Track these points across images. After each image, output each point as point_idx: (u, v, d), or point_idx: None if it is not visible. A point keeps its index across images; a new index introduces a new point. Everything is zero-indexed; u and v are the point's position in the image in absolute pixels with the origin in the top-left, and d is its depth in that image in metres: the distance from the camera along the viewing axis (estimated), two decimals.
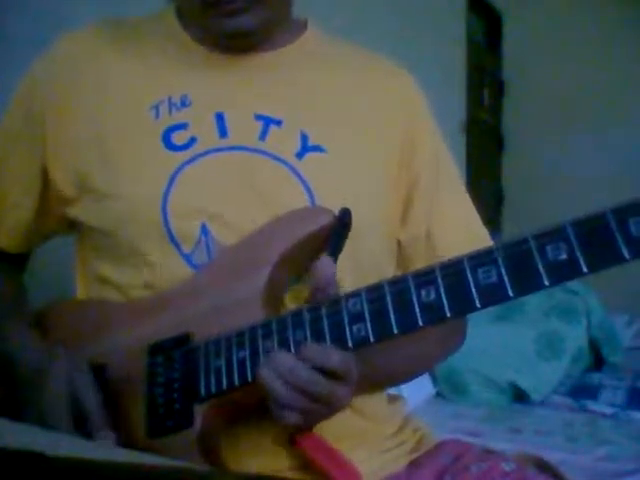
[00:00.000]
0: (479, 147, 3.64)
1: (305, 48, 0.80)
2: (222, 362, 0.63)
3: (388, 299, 0.58)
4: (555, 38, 3.73)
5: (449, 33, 3.18)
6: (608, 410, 2.13)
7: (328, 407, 0.60)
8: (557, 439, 1.88)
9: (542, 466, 0.77)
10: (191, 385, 0.64)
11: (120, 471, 0.41)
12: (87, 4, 1.26)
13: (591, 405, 2.19)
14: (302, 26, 0.82)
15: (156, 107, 0.73)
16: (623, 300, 2.80)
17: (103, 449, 0.56)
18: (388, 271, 0.79)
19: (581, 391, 2.29)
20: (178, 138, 0.72)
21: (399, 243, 0.81)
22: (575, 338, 2.38)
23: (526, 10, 3.79)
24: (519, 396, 2.23)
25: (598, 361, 2.53)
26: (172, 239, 0.69)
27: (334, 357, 0.58)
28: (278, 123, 0.73)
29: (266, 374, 0.59)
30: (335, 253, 0.67)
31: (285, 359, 0.59)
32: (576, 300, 2.48)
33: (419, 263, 0.78)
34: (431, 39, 2.84)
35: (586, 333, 2.47)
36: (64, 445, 0.49)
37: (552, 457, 0.82)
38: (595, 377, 2.41)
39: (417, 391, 2.13)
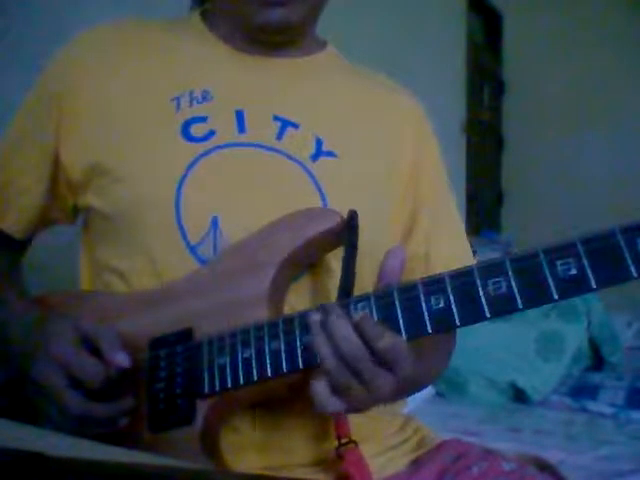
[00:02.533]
0: (479, 147, 3.64)
1: (325, 61, 0.83)
2: (226, 360, 0.63)
3: (397, 305, 0.59)
4: (555, 38, 3.74)
5: (449, 33, 3.18)
6: (608, 410, 2.13)
7: (368, 392, 0.58)
8: (557, 439, 1.88)
9: (542, 466, 0.77)
10: (194, 381, 0.64)
11: (120, 471, 0.41)
12: (90, 5, 1.27)
13: (591, 405, 2.19)
14: (322, 44, 0.85)
15: (177, 99, 0.74)
16: (623, 300, 2.80)
17: (103, 449, 0.56)
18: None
19: (581, 391, 2.29)
20: (197, 130, 0.73)
21: None
22: (575, 338, 2.39)
23: (526, 10, 3.79)
24: (519, 396, 2.23)
25: (598, 361, 2.53)
26: (181, 229, 0.69)
27: (386, 339, 0.56)
28: (295, 126, 0.75)
29: (320, 339, 0.57)
30: (352, 255, 0.67)
31: (342, 326, 0.57)
32: (576, 300, 2.49)
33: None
34: (431, 39, 2.84)
35: (586, 333, 2.47)
36: (64, 445, 0.49)
37: (552, 457, 0.82)
38: (595, 377, 2.41)
39: None
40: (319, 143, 0.75)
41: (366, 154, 0.78)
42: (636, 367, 2.49)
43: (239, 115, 0.74)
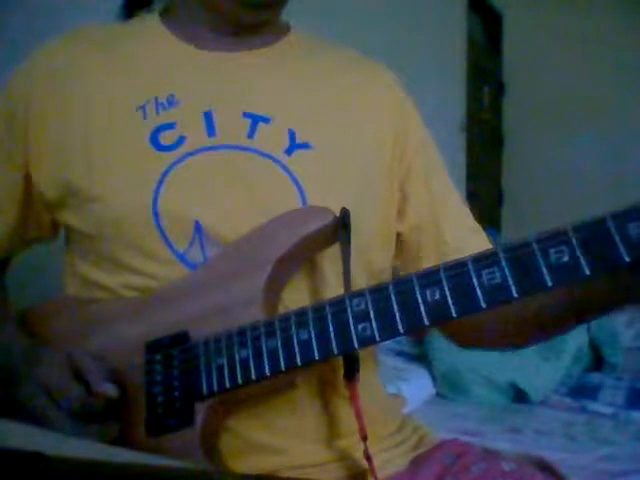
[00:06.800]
0: (479, 147, 3.64)
1: (290, 47, 0.81)
2: (224, 360, 0.63)
3: (393, 299, 0.59)
4: (555, 38, 3.73)
5: (449, 33, 3.18)
6: (608, 410, 2.13)
7: None
8: (557, 439, 1.88)
9: (542, 466, 0.77)
10: (191, 383, 0.64)
11: (120, 471, 0.41)
12: (85, 2, 1.26)
13: (591, 405, 2.19)
14: (286, 27, 0.83)
15: (143, 107, 0.73)
16: None
17: (104, 449, 0.56)
18: (381, 263, 0.79)
19: (581, 391, 2.29)
20: (166, 138, 0.71)
21: (399, 235, 0.81)
22: (575, 338, 2.38)
23: (526, 10, 3.79)
24: (519, 396, 2.23)
25: (598, 361, 2.53)
26: (166, 240, 0.69)
27: None
28: (266, 121, 0.74)
29: None
30: (347, 252, 0.68)
31: None
32: None
33: (427, 252, 0.79)
34: (431, 39, 2.84)
35: (586, 333, 2.47)
36: (64, 445, 0.49)
37: (552, 457, 0.82)
38: (595, 377, 2.41)
39: (417, 391, 2.14)
40: (292, 135, 0.73)
41: (343, 139, 0.77)
42: (636, 367, 2.49)
43: (207, 117, 0.73)
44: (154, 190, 0.69)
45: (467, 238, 0.81)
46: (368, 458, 0.66)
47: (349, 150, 0.76)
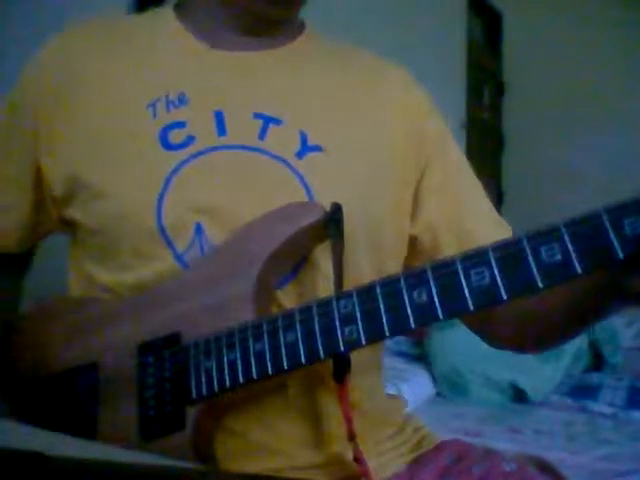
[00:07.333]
0: (479, 147, 3.63)
1: (304, 47, 0.81)
2: (212, 363, 0.62)
3: (380, 300, 0.57)
4: (555, 38, 3.73)
5: (449, 33, 3.18)
6: (608, 410, 2.14)
7: None
8: (557, 439, 1.88)
9: (542, 466, 0.77)
10: (182, 387, 0.63)
11: (120, 471, 0.41)
12: (88, 2, 1.26)
13: (591, 405, 2.19)
14: (301, 26, 0.83)
15: (153, 105, 0.72)
16: None
17: (103, 449, 0.56)
18: (394, 266, 0.78)
19: (581, 391, 2.29)
20: (175, 137, 0.71)
21: (414, 237, 0.79)
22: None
23: (526, 10, 3.79)
24: (519, 396, 2.23)
25: (598, 361, 2.53)
26: (166, 239, 0.68)
27: None
28: (278, 122, 0.73)
29: None
30: (338, 248, 0.67)
31: None
32: None
33: (450, 250, 0.77)
34: (431, 39, 2.84)
35: (586, 333, 2.47)
36: (64, 445, 0.49)
37: (552, 457, 0.82)
38: (595, 377, 2.41)
39: (417, 391, 2.14)
40: (304, 138, 0.72)
41: (354, 141, 0.75)
42: (636, 367, 2.49)
43: (218, 116, 0.72)
44: (160, 189, 0.69)
45: (492, 233, 0.79)
46: (356, 459, 0.65)
47: (360, 153, 0.75)
